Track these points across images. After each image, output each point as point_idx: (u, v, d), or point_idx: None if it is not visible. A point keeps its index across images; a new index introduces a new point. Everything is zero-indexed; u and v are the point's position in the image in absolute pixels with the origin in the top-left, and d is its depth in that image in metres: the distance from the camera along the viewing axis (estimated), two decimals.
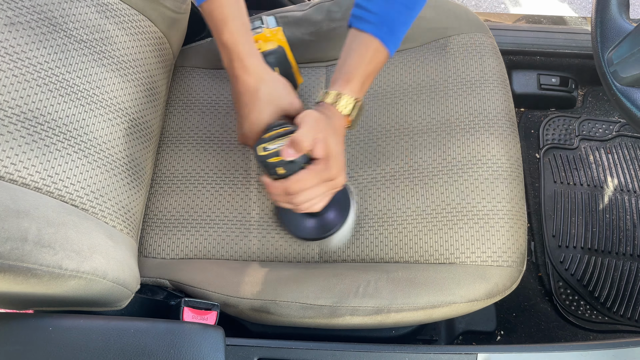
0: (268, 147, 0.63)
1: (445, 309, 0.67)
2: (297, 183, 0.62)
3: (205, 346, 0.52)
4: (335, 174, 0.63)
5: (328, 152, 0.62)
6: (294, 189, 0.62)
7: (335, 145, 0.63)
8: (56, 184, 0.61)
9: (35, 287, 0.51)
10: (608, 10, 0.60)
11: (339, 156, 0.63)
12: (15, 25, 0.62)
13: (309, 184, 0.62)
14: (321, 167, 0.62)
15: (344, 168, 0.65)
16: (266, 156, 0.62)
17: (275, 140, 0.63)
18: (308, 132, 0.61)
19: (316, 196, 0.64)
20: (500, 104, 0.81)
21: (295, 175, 0.62)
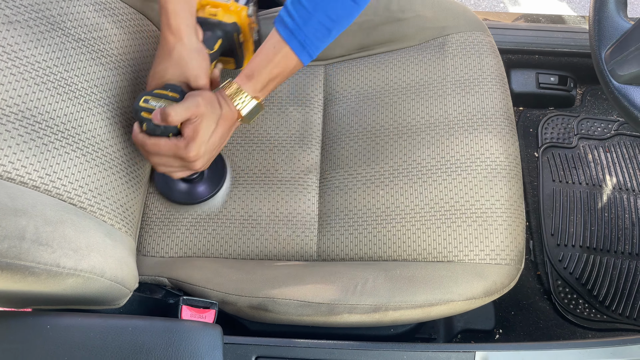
0: (149, 100, 0.65)
1: (444, 307, 0.67)
2: (153, 145, 0.65)
3: (204, 344, 0.52)
4: (191, 158, 0.65)
5: (193, 136, 0.64)
6: (149, 149, 0.66)
7: (205, 132, 0.64)
8: (54, 182, 0.61)
9: (33, 285, 0.51)
10: (606, 9, 0.60)
11: (204, 144, 0.65)
12: (13, 23, 0.62)
13: (162, 152, 0.65)
14: (180, 145, 0.64)
15: (207, 158, 0.67)
16: (142, 108, 0.65)
17: (160, 99, 0.65)
18: (182, 111, 0.62)
19: (169, 166, 0.67)
20: (498, 102, 0.81)
21: (155, 138, 0.65)
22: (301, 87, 0.88)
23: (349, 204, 0.78)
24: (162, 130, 0.64)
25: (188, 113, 0.63)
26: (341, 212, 0.78)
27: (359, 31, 0.89)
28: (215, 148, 0.67)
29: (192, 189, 0.79)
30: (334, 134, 0.85)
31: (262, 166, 0.82)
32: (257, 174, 0.81)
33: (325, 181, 0.82)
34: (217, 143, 0.67)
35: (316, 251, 0.77)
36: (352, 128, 0.84)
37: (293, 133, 0.85)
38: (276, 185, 0.81)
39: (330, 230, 0.78)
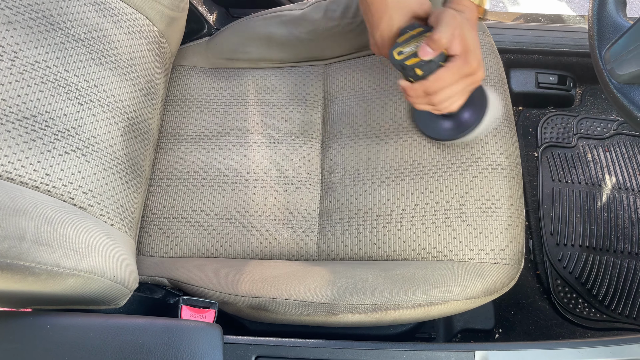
0: (403, 51, 0.63)
1: (443, 307, 0.67)
2: (436, 82, 0.62)
3: (203, 344, 0.52)
4: (474, 68, 0.63)
5: (466, 47, 0.62)
6: (433, 88, 0.63)
7: (472, 39, 0.62)
8: (54, 182, 0.61)
9: (33, 285, 0.51)
10: (605, 8, 0.60)
11: (476, 49, 0.63)
12: (13, 24, 0.62)
13: (448, 81, 0.63)
14: (460, 63, 0.62)
15: (482, 62, 0.65)
16: (403, 59, 0.63)
17: (410, 42, 0.63)
18: (445, 30, 0.60)
19: (456, 93, 0.64)
20: None
21: (434, 74, 0.62)
22: (301, 87, 0.88)
23: (350, 203, 0.78)
24: (435, 63, 0.62)
25: (450, 29, 0.61)
26: (341, 212, 0.78)
27: (358, 31, 0.89)
28: (479, 45, 0.65)
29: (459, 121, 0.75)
30: (333, 133, 0.85)
31: (263, 165, 0.82)
32: (257, 173, 0.82)
33: (325, 181, 0.82)
34: (479, 46, 0.64)
35: (316, 251, 0.77)
36: (352, 128, 0.84)
37: (293, 133, 0.85)
38: (278, 184, 0.81)
39: (330, 229, 0.78)
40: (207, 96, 0.89)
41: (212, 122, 0.86)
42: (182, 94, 0.89)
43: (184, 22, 0.89)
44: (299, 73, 0.90)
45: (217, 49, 0.92)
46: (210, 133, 0.85)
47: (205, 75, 0.91)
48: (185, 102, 0.89)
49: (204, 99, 0.88)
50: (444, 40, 0.61)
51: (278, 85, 0.89)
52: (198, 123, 0.86)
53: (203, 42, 0.95)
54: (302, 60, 0.90)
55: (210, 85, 0.90)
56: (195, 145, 0.85)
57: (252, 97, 0.88)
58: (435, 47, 0.61)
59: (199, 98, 0.89)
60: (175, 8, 0.84)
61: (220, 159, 0.83)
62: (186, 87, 0.90)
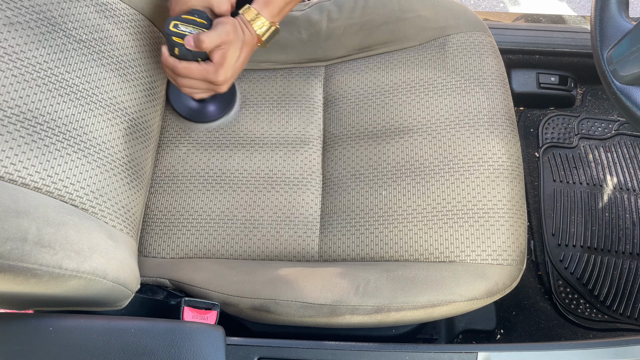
0: (179, 26, 0.70)
1: (445, 308, 0.67)
2: (184, 69, 0.71)
3: (206, 345, 0.52)
4: (220, 82, 0.72)
5: (222, 62, 0.70)
6: (179, 72, 0.71)
7: (232, 57, 0.70)
8: (56, 183, 0.61)
9: (35, 287, 0.51)
10: (608, 9, 0.60)
11: (230, 68, 0.71)
12: (14, 25, 0.62)
13: (192, 75, 0.71)
14: (211, 70, 0.70)
15: (232, 78, 0.74)
16: (172, 32, 0.70)
17: (189, 24, 0.70)
18: (214, 37, 0.68)
19: (196, 87, 0.73)
20: (500, 102, 0.81)
21: (187, 62, 0.70)
22: (302, 87, 0.88)
23: (351, 204, 0.78)
24: (193, 55, 0.70)
25: (219, 40, 0.68)
26: (343, 213, 0.78)
27: (359, 31, 0.89)
28: (238, 72, 0.74)
29: (204, 108, 0.85)
30: (335, 134, 0.85)
31: (264, 167, 0.82)
32: (259, 174, 0.81)
33: (327, 182, 0.82)
34: (240, 67, 0.73)
35: (318, 252, 0.77)
36: (353, 128, 0.84)
37: (295, 134, 0.85)
38: (279, 185, 0.81)
39: (332, 230, 0.77)
40: None
41: (213, 122, 0.86)
42: None
43: None
44: (300, 74, 0.89)
45: None
46: (211, 134, 0.85)
47: None
48: None
49: None
50: (206, 45, 0.68)
51: (279, 85, 0.89)
52: (199, 124, 0.86)
53: None
54: (303, 61, 0.90)
55: None
56: (196, 146, 0.84)
57: (253, 98, 0.88)
58: (197, 45, 0.68)
59: None
60: None
61: (222, 159, 0.83)
62: None
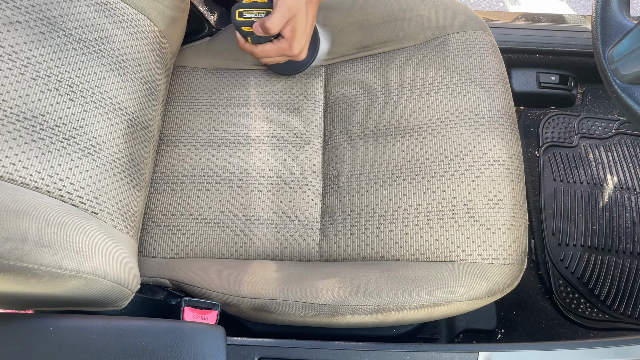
0: (244, 14, 0.73)
1: (446, 308, 0.67)
2: (261, 52, 0.75)
3: (206, 345, 0.52)
4: (296, 53, 0.75)
5: (294, 35, 0.72)
6: (258, 55, 0.76)
7: (301, 27, 0.72)
8: (56, 183, 0.61)
9: (35, 287, 0.51)
10: (609, 8, 0.60)
11: (303, 37, 0.74)
12: (14, 24, 0.62)
13: (271, 54, 0.76)
14: (285, 46, 0.74)
15: (307, 44, 0.76)
16: (241, 23, 0.73)
17: (253, 9, 0.72)
18: (278, 19, 0.70)
19: (278, 61, 0.78)
20: (500, 102, 0.81)
21: (262, 45, 0.75)
22: (302, 87, 0.88)
23: (352, 203, 0.78)
24: (265, 38, 0.73)
25: (283, 20, 0.70)
26: (343, 212, 0.78)
27: (359, 31, 0.89)
28: (310, 32, 0.76)
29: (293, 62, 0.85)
30: (335, 133, 0.84)
31: (265, 166, 0.82)
32: (259, 174, 0.81)
33: (327, 181, 0.81)
34: (311, 27, 0.75)
35: (318, 251, 0.77)
36: (353, 128, 0.84)
37: (295, 133, 0.84)
38: (279, 185, 0.80)
39: (333, 230, 0.77)
40: (208, 97, 0.88)
41: (214, 122, 0.86)
42: (184, 95, 0.89)
43: (185, 22, 0.89)
44: (300, 73, 0.89)
45: (218, 50, 0.92)
46: (212, 133, 0.85)
47: (206, 75, 0.91)
48: (187, 102, 0.88)
49: (205, 100, 0.88)
50: (274, 30, 0.71)
51: (279, 85, 0.88)
52: (199, 123, 0.86)
53: (204, 43, 0.95)
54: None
55: (212, 85, 0.89)
56: (196, 145, 0.84)
57: (254, 98, 0.88)
58: (265, 32, 0.71)
59: (200, 98, 0.88)
60: (176, 8, 0.83)
61: (222, 159, 0.83)
62: (187, 87, 0.90)
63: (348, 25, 0.89)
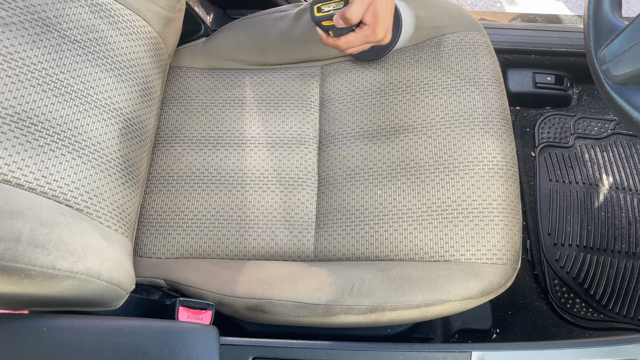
0: (322, 9, 0.73)
1: (440, 307, 0.67)
2: (345, 44, 0.74)
3: (199, 345, 0.52)
4: (380, 37, 0.73)
5: (376, 19, 0.71)
6: (343, 47, 0.75)
7: (382, 11, 0.71)
8: (50, 184, 0.61)
9: (28, 287, 0.51)
10: (601, 9, 0.60)
11: (385, 19, 0.72)
12: (9, 25, 0.62)
13: (356, 44, 0.74)
14: (369, 32, 0.72)
15: (390, 28, 0.75)
16: (320, 18, 0.73)
17: (330, 1, 0.72)
18: (358, 8, 0.69)
19: (363, 49, 0.77)
20: (494, 102, 0.81)
21: (345, 36, 0.73)
22: (298, 87, 0.88)
23: (347, 203, 0.78)
24: (347, 29, 0.72)
25: (363, 7, 0.69)
26: (338, 212, 0.78)
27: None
28: (392, 12, 0.74)
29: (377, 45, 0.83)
30: (331, 133, 0.85)
31: (260, 166, 0.82)
32: (255, 174, 0.82)
33: (322, 181, 0.82)
34: (391, 7, 0.73)
35: (313, 251, 0.77)
36: (349, 128, 0.84)
37: (290, 134, 0.85)
38: (275, 185, 0.81)
39: (328, 230, 0.78)
40: (204, 97, 0.89)
41: (209, 122, 0.86)
42: (179, 95, 0.89)
43: (181, 23, 0.89)
44: (295, 74, 0.90)
45: (214, 50, 0.92)
46: (207, 134, 0.85)
47: (202, 76, 0.91)
48: (182, 102, 0.89)
49: (201, 100, 0.88)
50: (355, 19, 0.69)
51: (275, 86, 0.89)
52: (195, 124, 0.86)
53: (200, 43, 0.95)
54: (299, 60, 0.91)
55: (207, 86, 0.90)
56: (192, 146, 0.84)
57: (249, 98, 0.88)
58: (346, 23, 0.70)
59: (196, 99, 0.89)
60: (171, 9, 0.84)
61: (217, 159, 0.83)
62: (183, 88, 0.90)
63: None
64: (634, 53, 0.54)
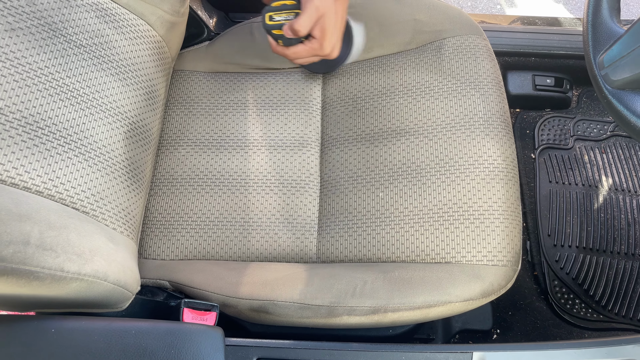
0: (274, 17, 0.74)
1: (441, 309, 0.68)
2: (293, 54, 0.76)
3: (205, 346, 0.53)
4: (327, 52, 0.75)
5: (324, 34, 0.72)
6: (290, 57, 0.76)
7: (330, 26, 0.72)
8: (57, 187, 0.62)
9: (37, 289, 0.52)
10: (599, 14, 0.61)
11: (333, 35, 0.74)
12: (15, 30, 0.63)
13: (303, 56, 0.76)
14: (316, 46, 0.74)
15: (339, 41, 0.76)
16: (271, 26, 0.75)
17: (282, 11, 0.74)
18: (306, 21, 0.70)
19: (311, 62, 0.79)
20: (495, 105, 0.82)
21: (293, 47, 0.75)
22: (300, 90, 0.89)
23: (349, 206, 0.79)
24: (296, 40, 0.74)
25: (312, 20, 0.71)
26: (340, 214, 0.79)
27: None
28: (341, 29, 0.76)
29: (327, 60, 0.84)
30: (332, 136, 0.86)
31: (263, 169, 0.83)
32: (257, 177, 0.82)
33: (324, 184, 0.82)
34: (341, 24, 0.75)
35: (315, 253, 0.78)
36: (350, 131, 0.85)
37: (293, 136, 0.85)
38: (277, 187, 0.81)
39: (330, 232, 0.78)
40: (207, 100, 0.90)
41: (212, 125, 0.87)
42: (183, 98, 0.90)
43: (184, 27, 0.90)
44: (298, 77, 0.90)
45: (217, 54, 0.93)
46: (211, 137, 0.86)
47: (205, 79, 0.92)
48: (186, 106, 0.89)
49: (204, 103, 0.89)
50: (303, 31, 0.71)
51: (277, 89, 0.90)
52: (198, 127, 0.87)
53: (203, 47, 0.96)
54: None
55: (210, 89, 0.90)
56: (195, 148, 0.85)
57: (252, 101, 0.89)
58: (294, 34, 0.72)
59: (199, 102, 0.90)
60: (175, 13, 0.84)
61: (221, 162, 0.84)
62: (186, 91, 0.91)
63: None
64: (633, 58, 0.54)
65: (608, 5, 0.61)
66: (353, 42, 0.86)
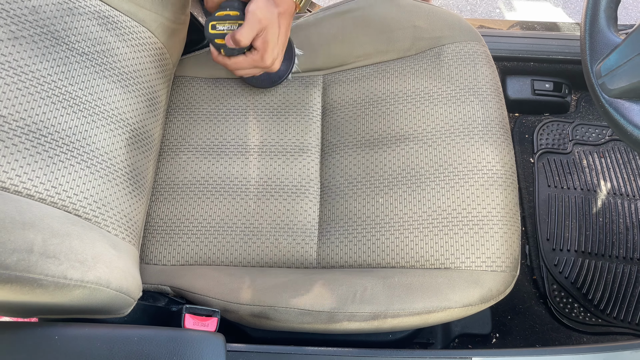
0: (216, 26, 0.75)
1: (441, 314, 0.69)
2: (234, 64, 0.77)
3: (207, 353, 0.54)
4: (268, 65, 0.76)
5: (265, 46, 0.74)
6: (231, 67, 0.77)
7: (273, 39, 0.73)
8: (60, 194, 0.63)
9: (40, 296, 0.53)
10: (596, 23, 0.62)
11: (275, 48, 0.75)
12: (18, 39, 0.63)
13: (244, 67, 0.77)
14: (257, 58, 0.75)
15: (281, 54, 0.77)
16: (214, 35, 0.76)
17: (225, 21, 0.75)
18: (248, 32, 0.71)
19: (251, 73, 0.79)
20: (493, 111, 0.83)
21: (235, 58, 0.76)
22: (300, 96, 0.90)
23: (349, 211, 0.80)
24: (238, 50, 0.75)
25: (254, 32, 0.72)
26: (340, 220, 0.80)
27: (356, 41, 0.91)
28: (283, 43, 0.77)
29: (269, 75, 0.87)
30: (333, 142, 0.86)
31: (263, 174, 0.83)
32: (258, 182, 0.83)
33: (324, 189, 0.83)
34: (284, 38, 0.76)
35: (316, 259, 0.78)
36: (350, 137, 0.86)
37: (293, 142, 0.86)
38: (278, 193, 0.82)
39: (330, 237, 0.79)
40: (207, 106, 0.90)
41: (213, 131, 0.87)
42: (184, 104, 0.91)
43: (185, 33, 0.91)
44: (298, 83, 0.91)
45: None
46: (212, 142, 0.87)
47: (205, 85, 0.92)
48: (187, 112, 0.90)
49: (205, 109, 0.90)
50: (244, 42, 0.72)
51: (278, 95, 0.90)
52: (199, 132, 0.87)
53: (204, 53, 0.96)
54: (302, 70, 0.92)
55: (211, 95, 0.91)
56: (196, 154, 0.86)
57: (253, 107, 0.89)
58: (236, 44, 0.73)
59: (200, 108, 0.90)
60: (176, 20, 0.85)
61: (222, 167, 0.85)
62: (187, 97, 0.91)
63: (345, 35, 0.91)
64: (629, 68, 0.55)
65: (605, 14, 0.61)
66: (295, 58, 0.88)
